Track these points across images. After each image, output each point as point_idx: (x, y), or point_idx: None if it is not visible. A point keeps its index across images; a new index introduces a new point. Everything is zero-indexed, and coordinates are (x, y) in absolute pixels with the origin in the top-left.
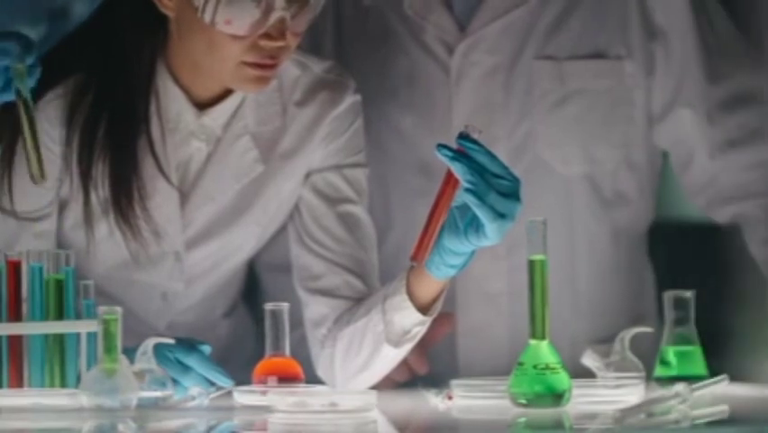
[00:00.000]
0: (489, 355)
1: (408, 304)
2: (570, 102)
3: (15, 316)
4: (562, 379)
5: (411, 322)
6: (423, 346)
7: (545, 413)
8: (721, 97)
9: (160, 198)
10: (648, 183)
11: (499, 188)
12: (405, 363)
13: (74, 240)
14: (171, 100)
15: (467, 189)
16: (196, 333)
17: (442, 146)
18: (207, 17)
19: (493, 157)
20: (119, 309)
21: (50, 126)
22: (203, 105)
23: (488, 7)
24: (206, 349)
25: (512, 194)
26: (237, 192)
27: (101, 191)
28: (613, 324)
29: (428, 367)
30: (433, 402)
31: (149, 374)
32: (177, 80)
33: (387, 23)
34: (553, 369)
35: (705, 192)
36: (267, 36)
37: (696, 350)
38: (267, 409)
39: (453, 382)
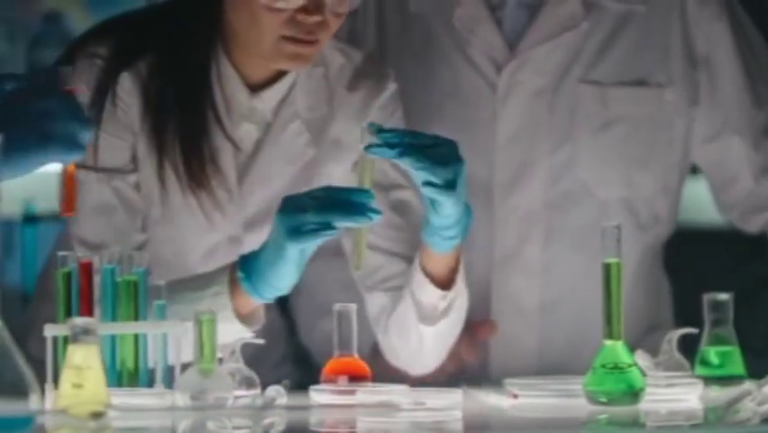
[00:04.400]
0: (518, 367)
1: (426, 281)
2: (612, 127)
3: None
4: (638, 377)
5: (435, 298)
6: (472, 337)
7: (620, 411)
8: (764, 123)
9: (223, 173)
10: (677, 203)
11: (437, 158)
12: (455, 352)
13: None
14: (226, 81)
15: (425, 182)
16: None
17: (375, 147)
18: None
19: (415, 132)
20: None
21: (127, 96)
22: (255, 88)
23: (539, 28)
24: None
25: (451, 157)
26: (290, 176)
27: (172, 155)
28: (631, 332)
29: (479, 356)
30: (493, 401)
31: (238, 374)
32: (231, 61)
33: (431, 32)
34: (622, 368)
35: (741, 206)
36: (304, 10)
37: (735, 350)
38: (392, 408)
39: (507, 381)
